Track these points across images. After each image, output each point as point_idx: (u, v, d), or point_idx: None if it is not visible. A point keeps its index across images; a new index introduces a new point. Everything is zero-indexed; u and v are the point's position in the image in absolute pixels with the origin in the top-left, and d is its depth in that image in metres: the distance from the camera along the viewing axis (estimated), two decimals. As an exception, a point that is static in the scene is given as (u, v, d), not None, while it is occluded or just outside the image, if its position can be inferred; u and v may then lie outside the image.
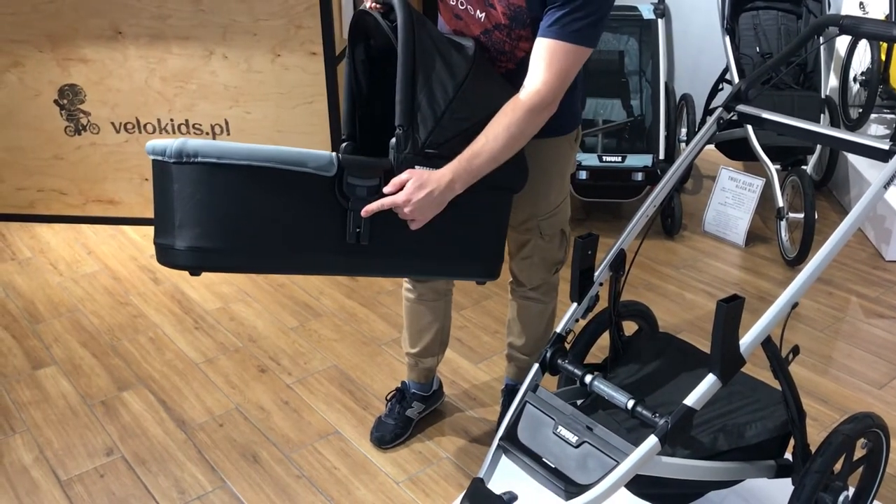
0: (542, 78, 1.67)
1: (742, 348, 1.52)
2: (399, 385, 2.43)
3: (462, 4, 1.82)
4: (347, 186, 1.65)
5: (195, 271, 1.65)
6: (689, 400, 1.51)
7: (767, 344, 1.59)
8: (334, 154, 1.65)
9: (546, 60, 1.67)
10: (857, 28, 1.75)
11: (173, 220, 1.58)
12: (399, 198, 1.65)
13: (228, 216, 1.59)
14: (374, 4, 1.81)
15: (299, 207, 1.64)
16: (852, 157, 3.82)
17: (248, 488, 2.21)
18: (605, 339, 2.00)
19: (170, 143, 1.56)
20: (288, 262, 1.70)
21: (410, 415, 2.38)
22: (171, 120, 3.52)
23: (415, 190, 1.65)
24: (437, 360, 2.37)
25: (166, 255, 1.62)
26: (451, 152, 1.69)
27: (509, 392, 2.40)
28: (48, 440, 2.40)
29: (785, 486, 1.74)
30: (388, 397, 2.42)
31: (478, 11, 1.80)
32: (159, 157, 1.58)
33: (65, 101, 3.52)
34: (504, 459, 1.68)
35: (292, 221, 1.65)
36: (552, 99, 1.69)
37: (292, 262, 1.71)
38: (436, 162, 1.68)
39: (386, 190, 1.67)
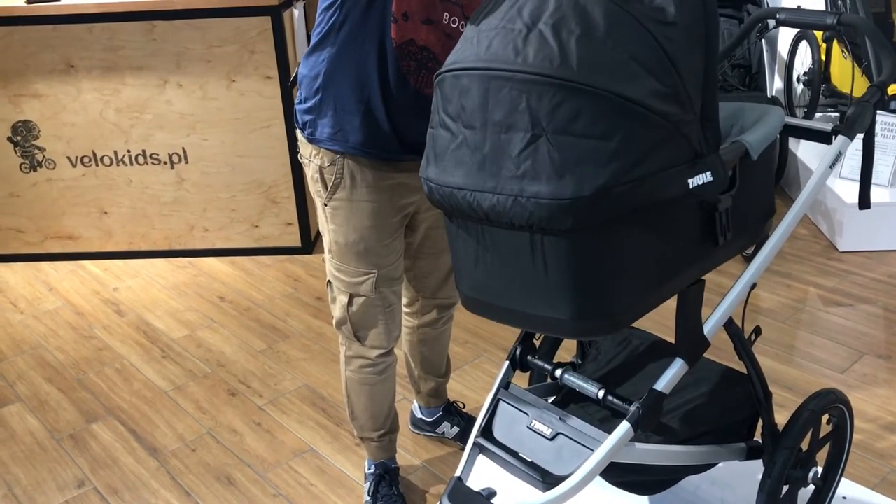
0: None
1: (706, 330, 1.55)
2: (370, 471, 2.19)
3: (454, 22, 1.82)
4: None
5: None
6: (659, 385, 1.53)
7: (730, 325, 1.63)
8: None
9: None
10: (792, 19, 1.81)
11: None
12: None
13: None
14: None
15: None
16: (802, 155, 3.93)
17: (224, 511, 2.19)
18: (570, 342, 2.02)
19: None
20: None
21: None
22: (128, 151, 3.50)
23: None
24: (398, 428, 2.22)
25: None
26: None
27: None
28: (16, 477, 2.35)
29: (756, 468, 1.77)
30: (372, 492, 2.16)
31: None
32: None
33: (18, 138, 3.49)
34: (481, 457, 1.69)
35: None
36: None
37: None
38: None
39: None
